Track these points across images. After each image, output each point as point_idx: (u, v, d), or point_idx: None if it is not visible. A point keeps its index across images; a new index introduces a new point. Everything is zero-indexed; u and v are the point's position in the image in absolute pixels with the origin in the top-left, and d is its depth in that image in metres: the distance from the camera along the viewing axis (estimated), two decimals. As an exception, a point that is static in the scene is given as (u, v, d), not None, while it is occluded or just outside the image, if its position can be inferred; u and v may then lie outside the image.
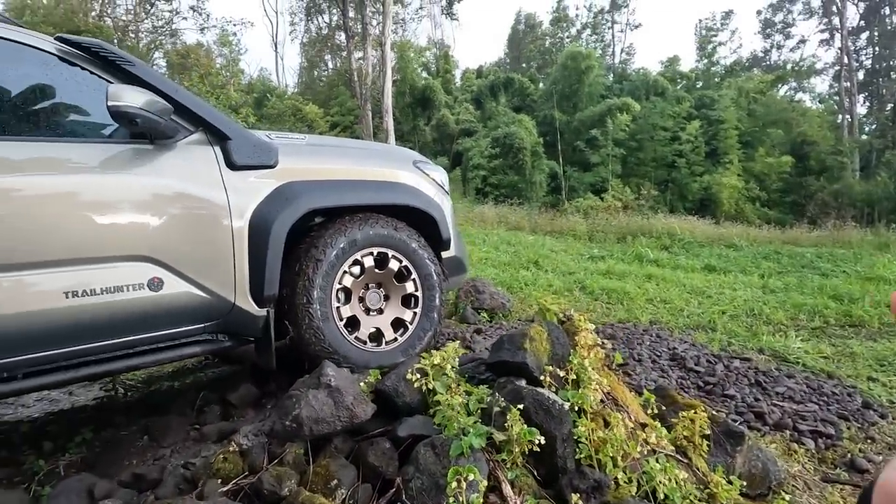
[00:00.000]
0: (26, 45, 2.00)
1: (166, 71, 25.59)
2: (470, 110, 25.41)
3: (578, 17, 45.04)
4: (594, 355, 2.00)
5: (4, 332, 1.82)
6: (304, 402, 1.63)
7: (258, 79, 32.51)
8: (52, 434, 2.60)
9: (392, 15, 21.27)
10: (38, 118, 2.09)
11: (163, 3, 27.36)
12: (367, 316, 2.57)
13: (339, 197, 2.46)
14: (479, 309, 5.24)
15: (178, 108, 2.15)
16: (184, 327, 2.17)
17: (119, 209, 2.02)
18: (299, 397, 1.67)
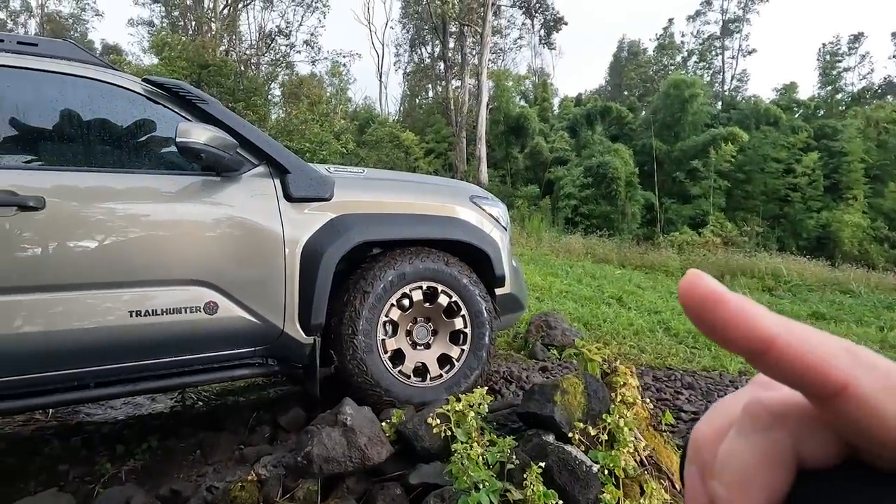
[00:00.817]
0: (119, 87, 2.24)
1: (280, 99, 27.67)
2: (565, 138, 25.09)
3: (685, 43, 43.42)
4: (636, 413, 1.85)
5: (80, 344, 2.01)
6: (318, 440, 1.65)
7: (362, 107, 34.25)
8: (126, 438, 2.81)
9: (490, 45, 21.66)
10: (131, 151, 2.32)
11: (281, 38, 29.80)
12: (412, 350, 2.57)
13: (390, 230, 2.50)
14: (549, 345, 5.07)
15: (244, 143, 2.30)
16: (235, 350, 2.28)
17: (185, 236, 2.18)
18: (314, 434, 1.69)
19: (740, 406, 0.23)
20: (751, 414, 0.23)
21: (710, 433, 0.25)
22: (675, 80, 25.12)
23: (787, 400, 0.22)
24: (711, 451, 0.24)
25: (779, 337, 0.21)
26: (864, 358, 0.21)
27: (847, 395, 0.20)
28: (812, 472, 0.21)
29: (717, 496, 0.22)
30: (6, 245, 1.90)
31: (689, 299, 0.22)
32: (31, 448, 2.73)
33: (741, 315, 0.21)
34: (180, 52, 18.88)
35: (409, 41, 38.21)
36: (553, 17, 24.89)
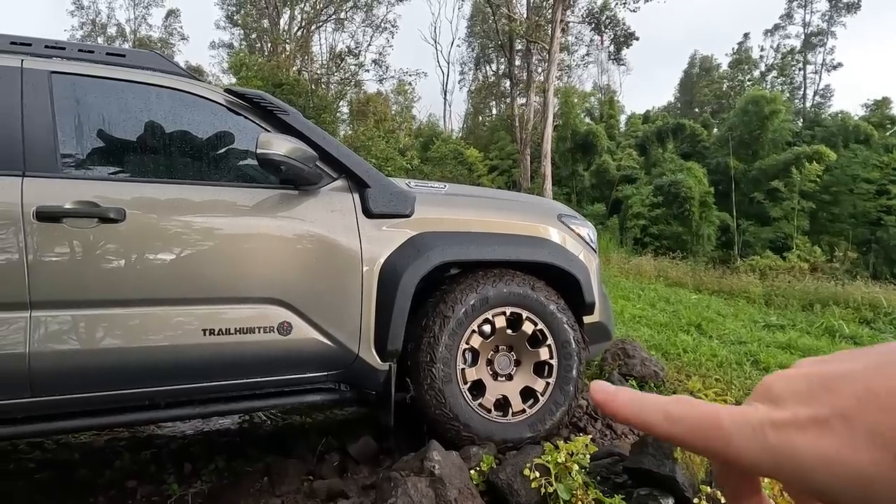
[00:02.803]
0: (202, 97, 2.18)
1: (348, 117, 28.42)
2: (633, 156, 24.33)
3: (763, 58, 41.48)
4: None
5: (154, 361, 1.93)
6: (402, 491, 1.46)
7: (427, 124, 34.66)
8: (193, 455, 2.74)
9: (557, 62, 21.40)
10: (210, 163, 2.27)
11: (350, 58, 30.68)
12: (494, 381, 2.36)
13: (472, 250, 2.32)
14: (627, 375, 4.72)
15: (324, 156, 2.19)
16: (307, 374, 2.15)
17: (261, 252, 2.08)
18: (398, 483, 1.50)
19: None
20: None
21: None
22: (753, 95, 24.00)
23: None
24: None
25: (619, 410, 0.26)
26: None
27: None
28: None
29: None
30: (86, 258, 1.85)
31: (595, 403, 0.27)
32: (102, 460, 2.70)
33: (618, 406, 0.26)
34: (256, 71, 19.73)
35: (475, 59, 38.48)
36: (624, 32, 24.32)
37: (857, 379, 0.22)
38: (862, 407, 0.22)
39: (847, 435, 0.21)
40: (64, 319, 1.83)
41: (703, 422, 0.24)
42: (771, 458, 0.22)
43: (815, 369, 0.24)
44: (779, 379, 0.25)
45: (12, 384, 1.76)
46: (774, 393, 0.24)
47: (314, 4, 30.47)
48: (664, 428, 0.25)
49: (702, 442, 0.24)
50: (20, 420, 1.83)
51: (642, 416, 0.26)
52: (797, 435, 0.22)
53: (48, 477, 2.51)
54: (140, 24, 39.64)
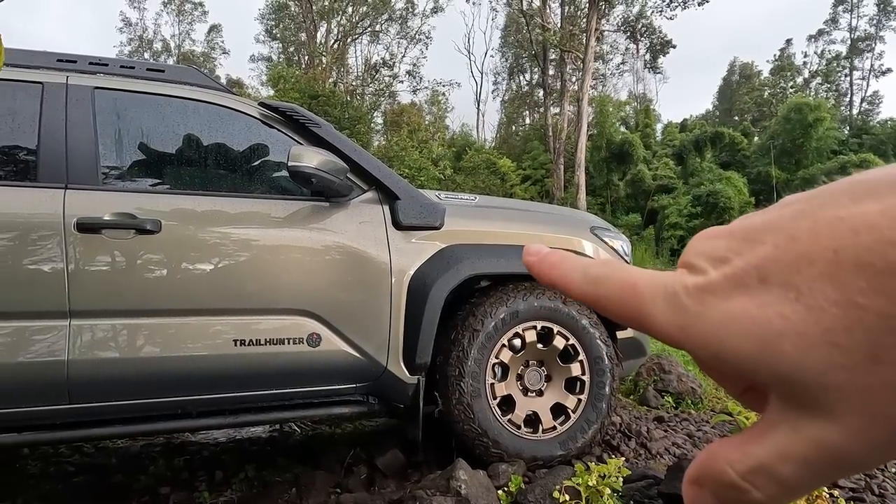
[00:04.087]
0: (237, 111, 2.22)
1: (382, 127, 28.78)
2: (670, 165, 23.88)
3: (807, 64, 40.29)
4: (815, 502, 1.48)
5: (187, 371, 1.96)
6: (427, 510, 1.44)
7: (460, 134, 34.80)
8: (224, 463, 2.77)
9: (592, 71, 21.23)
10: (244, 175, 2.30)
11: (385, 69, 31.12)
12: (524, 397, 2.31)
13: (503, 263, 2.28)
14: (663, 391, 4.59)
15: (354, 168, 2.20)
16: (336, 386, 2.15)
17: (291, 263, 2.09)
18: (423, 502, 1.48)
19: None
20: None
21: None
22: (796, 102, 23.30)
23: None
24: None
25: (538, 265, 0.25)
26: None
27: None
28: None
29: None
30: (123, 268, 1.90)
31: (526, 265, 0.25)
32: (138, 465, 2.75)
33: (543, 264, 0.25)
34: (293, 84, 20.17)
35: (508, 69, 38.53)
36: (660, 40, 23.98)
37: (782, 225, 0.19)
38: (778, 256, 0.19)
39: (759, 290, 0.19)
40: (102, 328, 1.87)
41: (621, 284, 0.22)
42: (679, 324, 0.20)
43: (744, 222, 0.21)
44: (700, 239, 0.22)
45: (52, 391, 1.81)
46: (693, 254, 0.22)
47: (350, 17, 31.07)
48: (582, 288, 0.23)
49: (617, 307, 0.22)
50: (58, 426, 1.88)
51: (564, 277, 0.24)
52: (707, 296, 0.20)
53: (86, 480, 2.57)
54: (184, 40, 41.14)
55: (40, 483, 2.52)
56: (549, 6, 25.25)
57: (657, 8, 22.08)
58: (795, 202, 0.20)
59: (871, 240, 0.17)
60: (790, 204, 0.20)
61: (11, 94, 1.95)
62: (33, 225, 1.82)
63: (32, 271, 1.80)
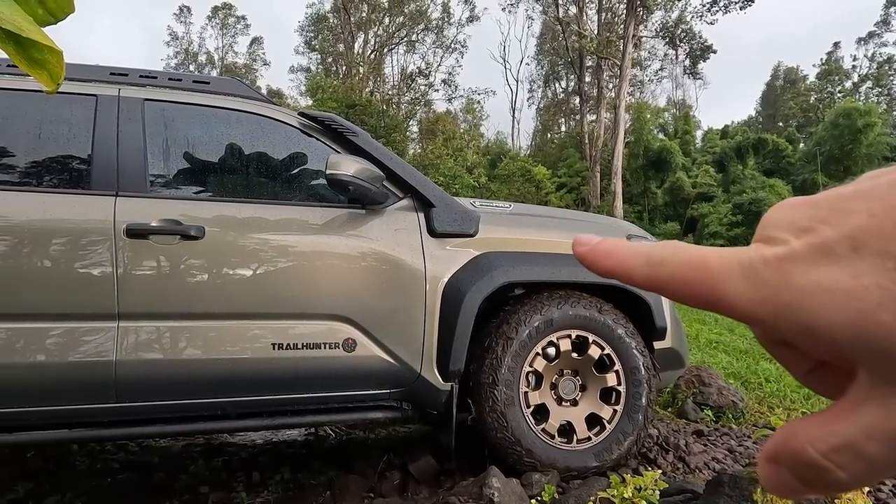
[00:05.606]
0: (278, 121, 2.29)
1: (417, 136, 29.03)
2: (710, 173, 23.35)
3: (856, 68, 38.85)
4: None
5: (228, 373, 2.02)
6: (459, 517, 1.44)
7: (495, 142, 34.79)
8: (262, 465, 2.82)
9: (629, 78, 20.96)
10: (283, 183, 2.37)
11: (421, 78, 31.42)
12: (558, 406, 2.29)
13: (537, 271, 2.27)
14: (702, 404, 4.46)
15: (390, 176, 2.23)
16: (370, 391, 2.17)
17: (328, 269, 2.13)
18: (455, 508, 1.48)
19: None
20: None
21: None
22: (845, 108, 22.50)
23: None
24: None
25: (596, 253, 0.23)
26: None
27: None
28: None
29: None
30: (168, 272, 1.97)
31: (578, 256, 0.24)
32: (179, 464, 2.83)
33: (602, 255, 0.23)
34: (331, 93, 20.59)
35: (544, 77, 38.40)
36: (700, 45, 23.52)
37: (879, 195, 0.18)
38: (875, 225, 0.18)
39: (852, 259, 0.18)
40: (148, 330, 1.94)
41: (688, 263, 0.21)
42: (760, 297, 0.19)
43: (830, 193, 0.20)
44: (779, 209, 0.21)
45: (100, 390, 1.89)
46: (771, 226, 0.21)
47: (387, 28, 31.54)
48: (645, 272, 0.22)
49: (685, 286, 0.20)
50: (106, 424, 1.96)
51: (624, 263, 0.22)
52: (792, 266, 0.19)
53: (130, 478, 2.66)
54: (227, 52, 42.50)
55: (88, 479, 2.62)
56: (585, 13, 25.09)
57: (697, 13, 21.69)
58: (887, 173, 0.19)
59: None
60: (881, 175, 0.19)
61: (68, 107, 2.06)
62: (86, 230, 1.90)
63: (84, 275, 1.89)
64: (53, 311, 1.87)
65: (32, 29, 0.46)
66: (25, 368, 1.83)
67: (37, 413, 1.88)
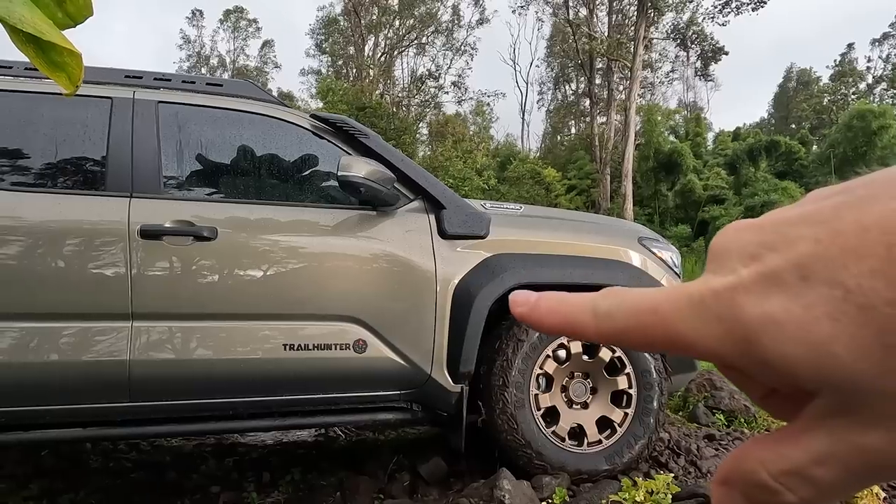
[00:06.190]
0: (290, 123, 2.30)
1: (427, 138, 29.07)
2: (721, 175, 23.17)
3: (871, 69, 38.43)
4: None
5: (240, 373, 2.03)
6: (470, 518, 1.44)
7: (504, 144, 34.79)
8: (272, 465, 2.84)
9: (640, 80, 20.88)
10: (295, 184, 2.38)
11: (431, 81, 31.50)
12: (568, 409, 2.28)
13: (547, 273, 2.27)
14: (714, 409, 4.42)
15: (401, 177, 2.24)
16: (380, 392, 2.17)
17: (339, 270, 2.14)
18: (466, 510, 1.48)
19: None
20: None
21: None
22: (859, 109, 22.26)
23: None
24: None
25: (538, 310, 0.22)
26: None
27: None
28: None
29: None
30: (181, 273, 1.98)
31: (517, 317, 0.23)
32: (190, 464, 2.85)
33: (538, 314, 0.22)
34: (342, 96, 20.65)
35: (554, 79, 38.31)
36: (712, 47, 23.38)
37: (823, 219, 0.18)
38: (821, 252, 0.17)
39: (801, 288, 0.17)
40: (160, 330, 1.96)
41: (637, 310, 0.20)
42: (716, 334, 0.18)
43: (775, 216, 0.19)
44: (725, 234, 0.20)
45: (114, 389, 1.91)
46: (719, 254, 0.20)
47: (397, 30, 31.65)
48: (594, 328, 0.21)
49: (639, 334, 0.20)
50: (119, 423, 1.98)
51: (569, 320, 0.21)
52: (743, 298, 0.18)
53: (142, 477, 2.68)
54: (238, 55, 42.84)
55: (101, 477, 2.65)
56: (595, 15, 25.04)
57: (709, 14, 21.56)
58: (832, 195, 0.18)
59: None
60: (826, 197, 0.18)
61: (84, 109, 2.08)
62: (100, 231, 1.93)
63: (98, 275, 1.91)
64: (68, 311, 1.89)
65: (52, 32, 0.47)
66: (40, 367, 1.85)
67: (51, 412, 1.90)
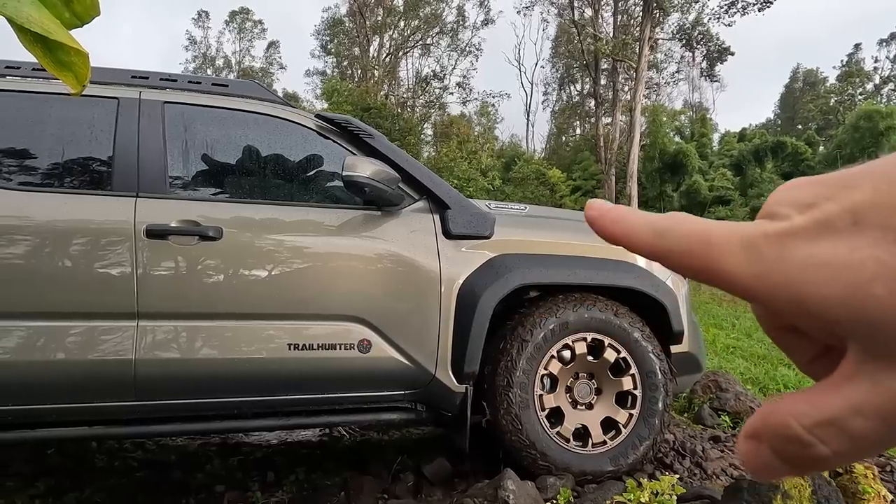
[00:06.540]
0: (295, 123, 2.31)
1: (432, 139, 29.07)
2: (727, 176, 23.09)
3: (878, 69, 38.21)
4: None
5: (244, 373, 2.04)
6: (474, 519, 1.44)
7: (509, 145, 34.77)
8: (277, 464, 2.84)
9: (645, 80, 20.82)
10: (300, 184, 2.39)
11: (435, 81, 31.51)
12: (573, 409, 2.28)
13: (552, 273, 2.26)
14: (719, 410, 4.40)
15: (406, 178, 2.24)
16: (384, 392, 2.17)
17: (344, 270, 2.14)
18: (470, 510, 1.48)
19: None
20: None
21: None
22: (866, 110, 22.15)
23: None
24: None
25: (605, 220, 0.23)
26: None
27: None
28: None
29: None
30: (187, 272, 1.99)
31: (588, 220, 0.24)
32: (195, 463, 2.86)
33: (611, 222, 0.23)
34: (346, 97, 20.70)
35: (559, 79, 38.26)
36: (718, 47, 23.29)
37: (882, 171, 0.18)
38: (878, 199, 0.18)
39: (852, 233, 0.18)
40: (166, 330, 1.97)
41: (690, 234, 0.21)
42: (757, 272, 0.19)
43: (836, 173, 0.20)
44: (785, 188, 0.21)
45: (120, 388, 1.92)
46: (776, 203, 0.21)
47: (402, 31, 31.68)
48: (649, 241, 0.22)
49: (686, 257, 0.21)
50: (125, 422, 1.99)
51: (630, 231, 0.23)
52: (791, 241, 0.19)
53: (148, 476, 2.69)
54: (244, 56, 42.99)
55: (106, 476, 2.66)
56: (601, 16, 25.00)
57: (715, 15, 21.47)
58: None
59: None
60: (893, 155, 0.19)
61: (91, 109, 2.09)
62: (107, 231, 1.93)
63: (104, 274, 1.92)
64: (74, 310, 1.90)
65: (59, 32, 0.47)
66: (47, 366, 1.86)
67: (57, 410, 1.91)
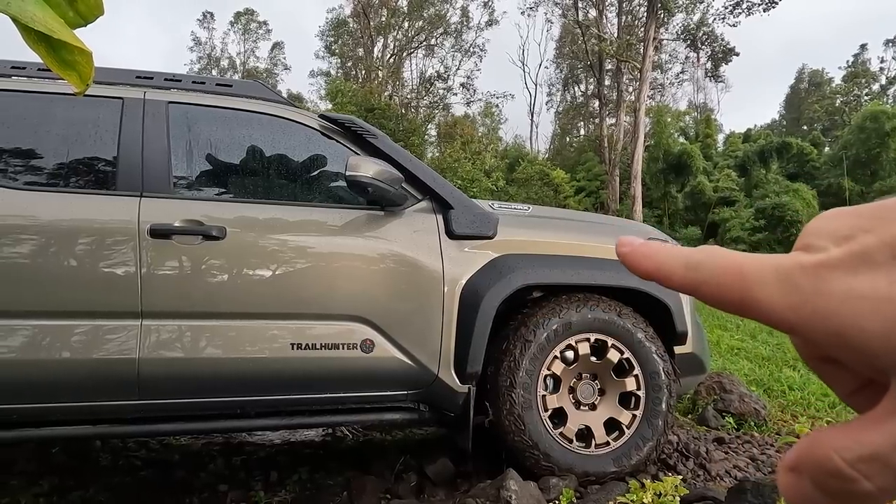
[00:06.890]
0: (298, 123, 2.31)
1: (435, 139, 29.07)
2: (732, 177, 23.01)
3: (884, 70, 38.02)
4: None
5: (248, 372, 2.04)
6: (476, 519, 1.43)
7: (513, 145, 34.74)
8: (280, 464, 2.85)
9: (649, 81, 20.78)
10: (303, 184, 2.39)
11: (439, 82, 31.54)
12: (576, 410, 2.27)
13: (555, 274, 2.26)
14: (723, 412, 4.38)
15: (409, 178, 2.24)
16: (387, 392, 2.18)
17: (347, 270, 2.15)
18: (472, 510, 1.47)
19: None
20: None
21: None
22: (872, 111, 22.05)
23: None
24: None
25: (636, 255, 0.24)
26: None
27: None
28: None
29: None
30: (190, 272, 2.00)
31: (620, 256, 0.24)
32: (198, 462, 2.87)
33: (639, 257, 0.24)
34: (350, 97, 20.72)
35: (563, 80, 38.20)
36: (722, 48, 23.23)
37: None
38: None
39: (891, 266, 0.17)
40: (170, 329, 1.97)
41: (724, 267, 0.21)
42: (793, 303, 0.19)
43: (872, 204, 0.20)
44: (821, 219, 0.21)
45: (124, 387, 1.92)
46: (812, 235, 0.20)
47: (406, 32, 31.71)
48: (682, 275, 0.22)
49: (720, 289, 0.21)
50: (128, 421, 1.99)
51: (662, 266, 0.23)
52: (828, 273, 0.18)
53: (152, 475, 2.70)
54: (249, 57, 43.10)
55: (110, 475, 2.67)
56: (605, 16, 24.97)
57: (719, 15, 21.42)
58: None
59: None
60: None
61: (95, 109, 2.10)
62: (111, 231, 1.94)
63: (109, 274, 1.92)
64: (79, 309, 1.91)
65: (63, 31, 0.47)
66: (51, 365, 1.87)
67: (61, 409, 1.92)
